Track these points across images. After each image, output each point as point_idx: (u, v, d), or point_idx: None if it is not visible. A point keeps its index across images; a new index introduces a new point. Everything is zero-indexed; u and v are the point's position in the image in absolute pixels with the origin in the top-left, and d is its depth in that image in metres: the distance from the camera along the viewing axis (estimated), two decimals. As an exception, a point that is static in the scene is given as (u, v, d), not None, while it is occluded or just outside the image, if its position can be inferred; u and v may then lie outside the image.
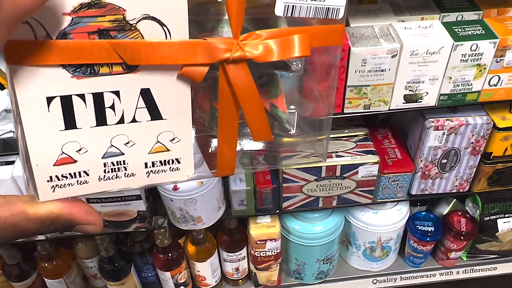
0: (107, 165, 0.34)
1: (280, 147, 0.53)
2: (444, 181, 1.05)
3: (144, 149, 0.35)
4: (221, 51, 0.34)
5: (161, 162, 0.36)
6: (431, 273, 1.31)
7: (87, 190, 0.34)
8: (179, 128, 0.36)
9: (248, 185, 1.01)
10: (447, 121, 0.94)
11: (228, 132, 0.39)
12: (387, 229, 1.18)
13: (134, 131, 0.34)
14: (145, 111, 0.34)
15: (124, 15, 0.31)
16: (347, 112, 0.88)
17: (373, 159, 0.98)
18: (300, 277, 1.28)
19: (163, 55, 0.32)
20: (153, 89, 0.34)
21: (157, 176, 0.37)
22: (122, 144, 0.34)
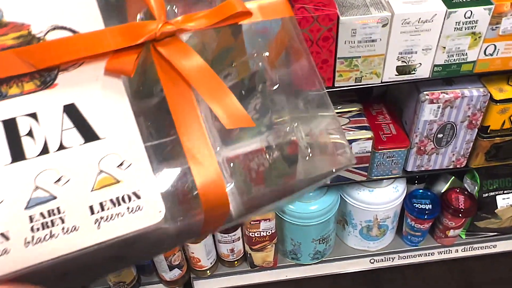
0: (34, 219, 0.24)
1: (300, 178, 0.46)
2: (441, 157, 1.03)
3: (84, 185, 0.26)
4: (144, 29, 0.29)
5: (112, 201, 0.26)
6: (430, 251, 1.30)
7: (9, 266, 0.23)
8: (126, 146, 0.27)
9: (239, 163, 0.99)
10: (442, 93, 0.91)
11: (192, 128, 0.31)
12: (383, 208, 1.16)
13: (65, 162, 0.26)
14: (74, 132, 0.27)
15: (29, 30, 0.27)
16: (338, 86, 0.86)
17: (366, 134, 0.95)
18: (296, 257, 1.26)
19: (78, 48, 0.27)
20: (79, 103, 0.27)
21: (112, 225, 0.26)
22: (51, 184, 0.25)
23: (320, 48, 0.79)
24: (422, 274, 1.39)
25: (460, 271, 1.39)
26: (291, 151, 0.47)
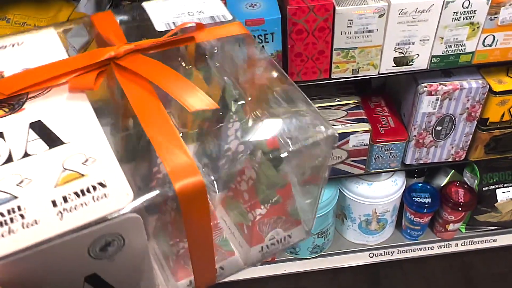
0: None
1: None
2: (439, 150, 1.02)
3: (47, 183, 0.27)
4: (104, 51, 0.33)
5: (76, 193, 0.27)
6: (429, 245, 1.29)
7: None
8: (92, 146, 0.29)
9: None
10: (441, 85, 0.91)
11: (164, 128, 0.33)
12: (382, 201, 1.15)
13: (28, 167, 0.27)
14: (39, 141, 0.28)
15: (2, 75, 0.30)
16: (335, 78, 0.85)
17: (364, 127, 0.95)
18: (295, 251, 1.26)
19: (42, 73, 0.31)
20: (45, 119, 0.29)
21: (76, 215, 0.27)
22: (13, 186, 0.26)
23: (316, 39, 0.78)
24: (422, 269, 1.38)
25: (460, 265, 1.38)
26: (271, 146, 0.48)
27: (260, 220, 0.54)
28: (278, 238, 0.56)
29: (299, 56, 0.80)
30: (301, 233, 0.58)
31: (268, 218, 0.55)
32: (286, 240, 0.57)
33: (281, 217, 0.55)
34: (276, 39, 0.77)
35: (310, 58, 0.81)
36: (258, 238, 0.54)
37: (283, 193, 0.56)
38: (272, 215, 0.55)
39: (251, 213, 0.54)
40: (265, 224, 0.55)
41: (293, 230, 0.57)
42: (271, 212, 0.54)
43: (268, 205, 0.54)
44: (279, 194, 0.55)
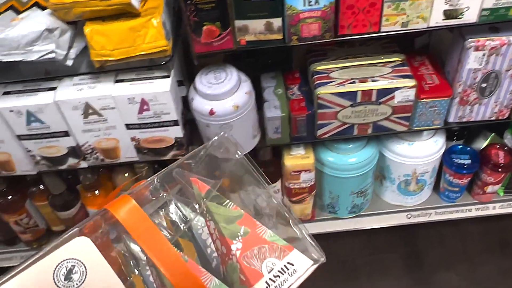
0: None
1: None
2: (483, 108, 1.03)
3: None
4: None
5: None
6: (467, 208, 1.30)
7: None
8: None
9: (283, 111, 1.01)
10: (488, 40, 0.91)
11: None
12: (422, 161, 1.17)
13: None
14: None
15: None
16: (384, 31, 0.87)
17: (409, 83, 0.96)
18: (334, 211, 1.29)
19: None
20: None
21: None
22: None
23: (368, -10, 0.80)
24: (458, 231, 1.40)
25: (496, 229, 1.40)
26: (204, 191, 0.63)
27: (242, 255, 0.57)
28: (279, 267, 0.57)
29: (350, 8, 0.83)
30: (304, 259, 0.58)
31: (249, 251, 0.57)
32: (290, 268, 0.57)
33: (263, 246, 0.58)
34: (330, -10, 0.79)
35: (361, 10, 0.83)
36: (254, 274, 0.56)
37: (245, 223, 0.59)
38: (252, 247, 0.58)
39: (230, 257, 0.58)
40: (251, 257, 0.58)
41: (289, 257, 0.58)
42: (248, 244, 0.57)
43: (239, 238, 0.58)
44: (243, 225, 0.59)
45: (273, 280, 0.56)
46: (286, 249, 0.59)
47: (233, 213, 0.61)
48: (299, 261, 0.58)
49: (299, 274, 0.57)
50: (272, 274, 0.56)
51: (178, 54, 1.02)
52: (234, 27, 0.83)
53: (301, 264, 0.58)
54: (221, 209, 0.62)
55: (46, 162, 1.03)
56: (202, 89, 0.93)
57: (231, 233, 0.59)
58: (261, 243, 0.58)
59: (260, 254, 0.58)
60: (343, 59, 1.03)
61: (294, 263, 0.58)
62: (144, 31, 0.81)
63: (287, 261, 0.58)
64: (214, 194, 0.64)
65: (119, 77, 0.93)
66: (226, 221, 0.60)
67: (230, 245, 0.58)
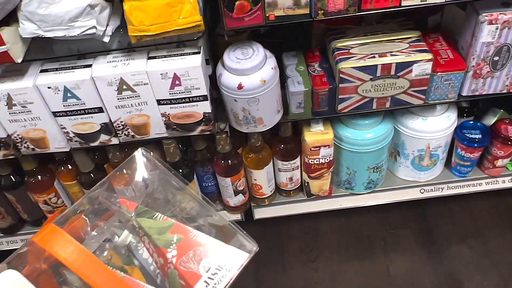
0: None
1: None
2: (495, 81, 1.08)
3: None
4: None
5: None
6: (477, 182, 1.36)
7: None
8: None
9: (306, 86, 1.06)
10: (501, 14, 0.97)
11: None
12: (436, 136, 1.22)
13: None
14: None
15: None
16: (405, 5, 0.92)
17: (427, 56, 1.02)
18: (351, 187, 1.34)
19: None
20: None
21: None
22: None
23: (391, -35, 0.85)
24: (468, 208, 1.46)
25: (505, 204, 1.45)
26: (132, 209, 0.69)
27: (178, 261, 0.61)
28: (216, 265, 0.61)
29: (373, -17, 0.88)
30: (239, 253, 0.63)
31: (185, 256, 0.61)
32: (227, 264, 0.61)
33: (198, 248, 0.62)
34: (355, -35, 0.84)
35: (383, -15, 0.88)
36: (192, 276, 0.60)
37: (177, 231, 0.64)
38: (187, 251, 0.61)
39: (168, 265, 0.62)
40: (187, 261, 0.61)
41: (225, 254, 0.62)
42: (183, 249, 0.62)
43: (173, 246, 0.62)
44: (175, 233, 0.64)
45: (211, 278, 0.60)
46: (221, 247, 0.63)
47: (164, 224, 0.66)
48: (235, 256, 0.63)
49: (237, 268, 0.62)
50: (210, 273, 0.60)
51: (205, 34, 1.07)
52: (264, 2, 0.88)
53: (237, 258, 0.63)
54: (152, 223, 0.66)
55: (79, 139, 1.07)
56: (230, 64, 0.98)
57: (165, 242, 0.63)
58: (196, 246, 0.62)
59: (196, 257, 0.62)
60: (361, 36, 1.08)
61: (230, 258, 0.62)
62: (180, 7, 0.86)
63: (223, 258, 0.62)
64: (143, 210, 0.68)
65: (151, 55, 0.98)
66: (158, 232, 0.64)
67: (165, 254, 0.62)
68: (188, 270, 0.61)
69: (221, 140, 1.14)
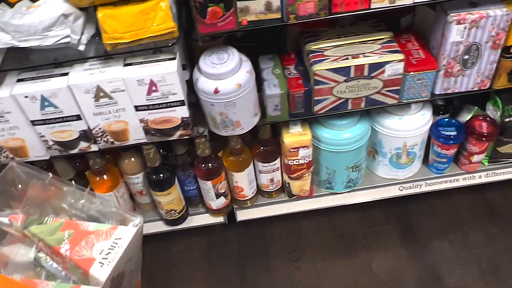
0: None
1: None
2: (466, 79, 1.11)
3: None
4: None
5: None
6: (454, 178, 1.39)
7: None
8: None
9: (281, 89, 1.08)
10: (468, 14, 1.00)
11: None
12: (412, 134, 1.25)
13: None
14: None
15: None
16: (374, 8, 0.94)
17: (398, 56, 1.04)
18: (331, 186, 1.36)
19: None
20: None
21: None
22: None
23: (358, -31, 0.87)
24: (448, 202, 1.48)
25: (484, 198, 1.48)
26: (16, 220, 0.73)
27: (72, 252, 0.68)
28: (108, 246, 0.68)
29: (342, -13, 0.90)
30: (128, 229, 0.71)
31: (78, 246, 0.68)
32: (118, 242, 0.69)
33: (90, 236, 0.70)
34: (323, -30, 0.86)
35: (352, -12, 0.90)
36: (87, 262, 0.66)
37: (68, 227, 0.71)
38: (79, 242, 0.68)
39: (66, 260, 0.69)
40: (80, 250, 0.68)
41: (115, 234, 0.70)
42: (75, 241, 0.68)
43: (65, 241, 0.68)
44: (66, 230, 0.70)
45: (105, 258, 0.67)
46: (111, 229, 0.71)
47: (54, 225, 0.72)
48: (125, 233, 0.71)
49: (127, 243, 0.69)
50: (103, 254, 0.67)
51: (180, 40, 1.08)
52: (236, 7, 0.90)
53: (127, 234, 0.71)
54: (42, 227, 0.73)
55: (58, 147, 1.08)
56: (206, 69, 0.99)
57: (57, 240, 0.69)
58: (87, 235, 0.70)
59: (88, 244, 0.68)
60: (335, 38, 1.10)
61: (121, 236, 0.70)
62: (153, 14, 0.87)
63: (115, 238, 0.70)
64: (32, 218, 0.75)
65: (128, 61, 0.99)
66: (49, 234, 0.71)
67: (59, 251, 0.68)
68: (82, 257, 0.67)
69: (201, 144, 1.15)
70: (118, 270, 0.67)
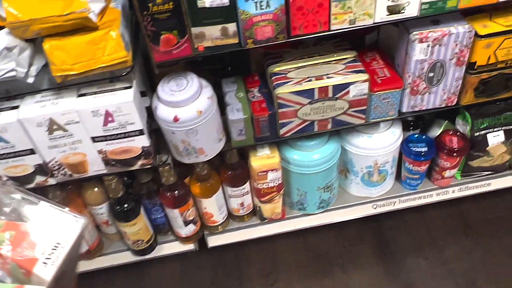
0: None
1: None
2: (433, 96, 1.09)
3: None
4: None
5: None
6: (428, 194, 1.37)
7: None
8: None
9: (245, 113, 1.05)
10: (431, 32, 0.98)
11: None
12: (382, 152, 1.22)
13: None
14: None
15: None
16: (334, 29, 0.92)
17: (363, 77, 1.02)
18: (303, 207, 1.33)
19: None
20: None
21: None
22: None
23: (315, -8, 0.85)
24: (422, 217, 1.46)
25: (458, 211, 1.47)
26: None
27: (13, 253, 0.66)
28: (51, 246, 0.67)
29: (300, 9, 0.87)
30: (71, 230, 0.70)
31: (19, 247, 0.67)
32: (61, 242, 0.68)
33: (31, 237, 0.68)
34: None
35: (310, 11, 0.88)
36: (29, 262, 0.66)
37: (8, 228, 0.69)
38: (21, 242, 0.67)
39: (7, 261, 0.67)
40: (22, 251, 0.67)
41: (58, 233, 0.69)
42: (17, 242, 0.67)
43: (6, 242, 0.67)
44: (7, 231, 0.69)
45: (48, 257, 0.66)
46: (53, 229, 0.70)
47: None
48: (68, 232, 0.70)
49: (71, 243, 0.69)
50: (46, 254, 0.66)
51: (138, 66, 1.05)
52: (191, 34, 0.87)
53: (70, 234, 0.70)
54: None
55: (14, 182, 1.02)
56: (164, 97, 0.96)
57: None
58: (29, 236, 0.69)
59: (30, 245, 0.67)
60: (298, 59, 1.07)
61: (64, 236, 0.69)
62: (103, 44, 0.84)
63: (57, 238, 0.69)
64: None
65: (82, 91, 0.95)
66: None
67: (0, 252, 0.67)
68: (24, 258, 0.67)
69: (165, 172, 1.11)
70: (61, 270, 0.67)
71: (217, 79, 1.15)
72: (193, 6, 0.83)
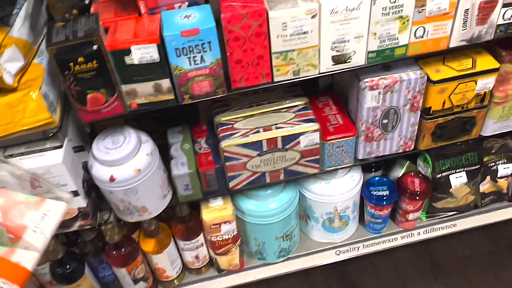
0: None
1: None
2: (389, 142, 1.05)
3: None
4: None
5: None
6: (393, 237, 1.31)
7: None
8: None
9: (190, 168, 0.98)
10: (381, 79, 0.93)
11: None
12: (341, 198, 1.17)
13: None
14: None
15: None
16: (277, 81, 0.86)
17: (313, 126, 0.96)
18: (263, 257, 1.26)
19: None
20: None
21: None
22: None
23: (253, 44, 0.80)
24: (389, 260, 1.40)
25: (425, 252, 1.41)
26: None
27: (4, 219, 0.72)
28: (39, 216, 0.75)
29: (239, 62, 0.82)
30: (57, 204, 0.78)
31: (10, 214, 0.72)
32: (48, 213, 0.76)
33: (20, 205, 0.74)
34: (214, 47, 0.78)
35: (250, 63, 0.82)
36: (20, 229, 0.71)
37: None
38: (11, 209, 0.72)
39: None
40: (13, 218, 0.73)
41: (44, 206, 0.77)
42: (7, 209, 0.72)
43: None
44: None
45: (37, 226, 0.73)
46: (40, 202, 0.78)
47: None
48: (54, 206, 0.78)
49: (58, 215, 0.78)
50: (35, 223, 0.74)
51: (74, 119, 0.97)
52: (121, 92, 0.80)
53: (57, 208, 0.78)
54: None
55: None
56: (99, 156, 0.89)
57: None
58: (18, 204, 0.75)
59: (20, 212, 0.74)
60: (246, 107, 1.01)
61: (50, 209, 0.77)
62: (23, 106, 0.77)
63: (44, 209, 0.77)
64: None
65: (8, 152, 0.87)
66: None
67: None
68: (15, 224, 0.72)
69: (108, 231, 1.03)
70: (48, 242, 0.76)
71: (163, 127, 1.08)
72: (121, 63, 0.76)
